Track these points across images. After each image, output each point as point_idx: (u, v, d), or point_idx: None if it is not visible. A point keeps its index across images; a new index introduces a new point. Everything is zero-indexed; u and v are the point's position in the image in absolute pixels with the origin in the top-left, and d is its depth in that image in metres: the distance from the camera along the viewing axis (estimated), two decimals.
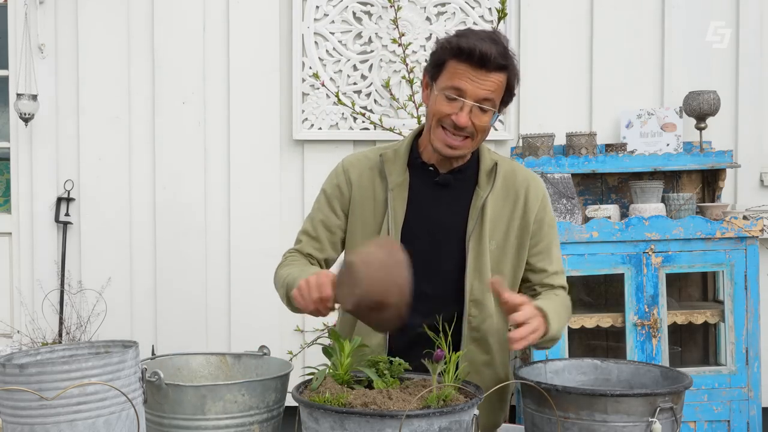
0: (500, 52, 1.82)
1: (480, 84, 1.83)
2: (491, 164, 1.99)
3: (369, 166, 2.01)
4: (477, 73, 1.82)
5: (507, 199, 1.97)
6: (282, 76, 3.72)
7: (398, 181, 1.97)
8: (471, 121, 1.85)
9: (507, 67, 1.84)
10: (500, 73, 1.84)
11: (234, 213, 3.72)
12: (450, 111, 1.85)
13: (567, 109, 3.73)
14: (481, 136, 1.91)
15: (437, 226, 1.96)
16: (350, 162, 2.05)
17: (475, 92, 1.83)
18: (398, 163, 1.98)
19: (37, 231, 3.73)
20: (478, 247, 1.93)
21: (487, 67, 1.81)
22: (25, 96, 3.57)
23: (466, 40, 1.82)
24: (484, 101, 1.84)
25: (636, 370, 1.85)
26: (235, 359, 2.08)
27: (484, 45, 1.80)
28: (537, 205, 1.99)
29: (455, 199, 1.97)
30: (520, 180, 2.00)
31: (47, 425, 1.47)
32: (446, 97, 1.86)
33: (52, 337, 3.62)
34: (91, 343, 1.72)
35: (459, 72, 1.83)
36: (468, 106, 1.84)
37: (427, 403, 1.52)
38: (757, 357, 3.26)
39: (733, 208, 3.52)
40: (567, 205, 3.28)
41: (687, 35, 3.73)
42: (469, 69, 1.82)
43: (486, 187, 1.96)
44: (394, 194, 1.95)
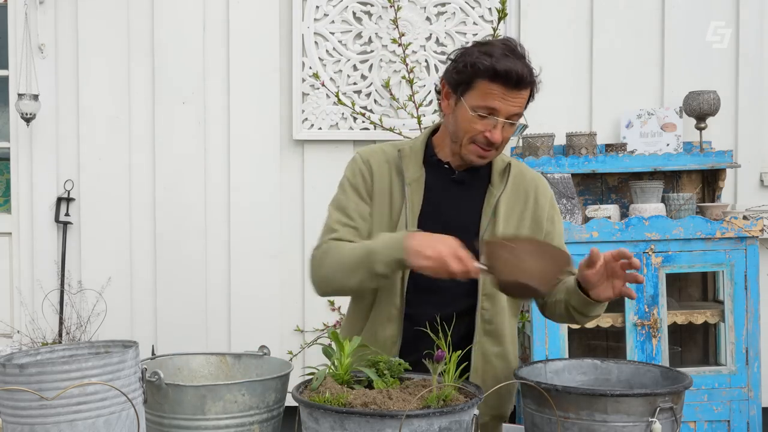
0: (529, 68, 1.91)
1: (512, 102, 1.89)
2: (503, 164, 2.05)
3: (385, 159, 2.04)
4: (510, 93, 1.88)
5: (518, 198, 2.03)
6: (282, 76, 3.72)
7: (415, 177, 2.00)
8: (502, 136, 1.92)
9: (533, 83, 1.93)
10: (527, 89, 1.92)
11: (234, 213, 3.72)
12: (483, 129, 1.91)
13: (567, 109, 3.72)
14: (506, 144, 1.98)
15: (451, 222, 1.99)
16: (368, 153, 2.07)
17: (508, 110, 1.89)
18: (414, 159, 2.02)
19: (37, 231, 3.73)
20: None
21: (520, 87, 1.88)
22: (27, 96, 3.57)
23: (500, 63, 1.86)
24: (514, 116, 1.91)
25: (636, 370, 1.85)
26: (235, 359, 2.08)
27: (517, 66, 1.87)
28: (547, 204, 2.07)
29: (469, 197, 2.02)
30: (529, 180, 2.07)
31: (47, 425, 1.47)
32: (479, 116, 1.90)
33: (52, 337, 3.62)
34: (91, 343, 1.72)
35: (492, 93, 1.88)
36: (501, 124, 1.90)
37: (427, 403, 1.52)
38: (757, 357, 3.26)
39: (733, 208, 3.52)
40: (567, 205, 3.28)
41: (687, 35, 3.73)
42: (502, 90, 1.87)
43: (499, 186, 2.02)
44: (412, 188, 1.99)
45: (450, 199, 2.01)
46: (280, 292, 3.72)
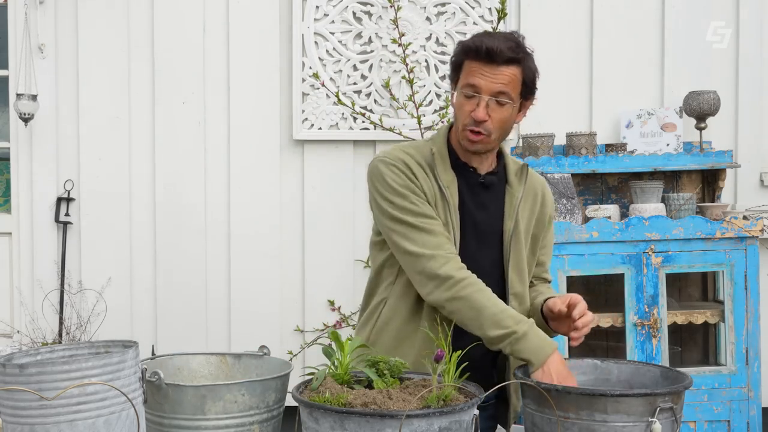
0: (509, 47, 1.90)
1: (492, 78, 1.90)
2: (518, 166, 2.09)
3: (415, 161, 2.00)
4: (488, 68, 1.90)
5: (529, 199, 2.08)
6: (282, 76, 3.72)
7: (449, 179, 2.01)
8: (489, 115, 1.92)
9: (518, 61, 1.91)
10: (512, 67, 1.91)
11: (234, 213, 3.72)
12: (469, 108, 1.93)
13: (567, 109, 3.72)
14: (501, 131, 1.97)
15: (480, 225, 2.03)
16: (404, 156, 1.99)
17: (489, 86, 1.90)
18: (446, 163, 2.03)
19: (37, 231, 3.73)
20: (517, 245, 2.03)
21: (496, 61, 1.89)
22: (25, 96, 3.57)
23: (475, 39, 1.93)
24: (500, 95, 1.91)
25: (636, 370, 1.85)
26: (235, 359, 2.08)
27: (492, 41, 1.90)
28: (551, 204, 2.14)
29: (494, 200, 2.05)
30: (537, 181, 2.12)
31: (47, 425, 1.47)
32: (465, 96, 1.94)
33: (52, 337, 3.62)
34: (91, 343, 1.72)
35: (473, 70, 1.92)
36: (484, 101, 1.91)
37: (427, 403, 1.52)
38: (757, 357, 3.26)
39: (733, 208, 3.52)
40: (567, 205, 3.28)
41: (687, 35, 3.73)
42: (480, 65, 1.90)
43: (519, 188, 2.05)
44: (450, 191, 2.00)
45: (479, 203, 2.04)
46: (280, 292, 3.72)
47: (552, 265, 3.16)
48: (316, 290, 3.71)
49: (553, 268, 3.18)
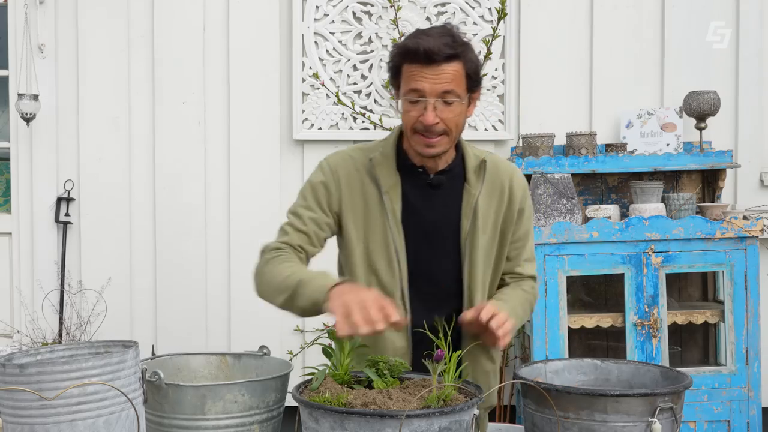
0: (446, 42, 1.83)
1: (435, 78, 1.83)
2: (477, 161, 2.00)
3: (355, 168, 1.99)
4: (429, 70, 1.83)
5: (493, 193, 2.00)
6: (282, 76, 3.72)
7: (390, 184, 1.96)
8: (439, 118, 1.86)
9: (458, 56, 1.84)
10: (453, 63, 1.84)
11: (234, 213, 3.72)
12: (416, 113, 1.87)
13: (567, 109, 3.73)
14: (456, 129, 1.91)
15: (432, 226, 1.97)
16: (336, 162, 2.02)
17: (434, 88, 1.84)
18: (388, 166, 1.98)
19: (37, 231, 3.73)
20: (473, 244, 1.96)
21: (436, 60, 1.82)
22: (27, 96, 3.57)
23: (410, 41, 1.86)
24: (445, 94, 1.85)
25: (636, 370, 1.85)
26: (235, 359, 2.09)
27: (428, 41, 1.82)
28: (520, 195, 2.03)
29: (447, 199, 1.99)
30: (503, 172, 2.02)
31: (47, 425, 1.47)
32: (410, 102, 1.87)
33: (52, 337, 3.62)
34: (91, 343, 1.72)
35: (413, 73, 1.85)
36: (431, 104, 1.84)
37: (427, 403, 1.52)
38: (757, 357, 3.26)
39: (733, 208, 3.52)
40: (567, 205, 3.28)
41: (687, 35, 3.73)
42: (420, 68, 1.83)
43: (476, 185, 1.98)
44: (390, 196, 1.96)
45: (428, 204, 1.98)
46: None
47: (552, 265, 3.19)
48: None
49: (552, 268, 3.19)
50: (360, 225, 1.98)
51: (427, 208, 1.98)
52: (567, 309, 3.24)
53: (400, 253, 1.95)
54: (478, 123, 3.70)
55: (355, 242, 1.99)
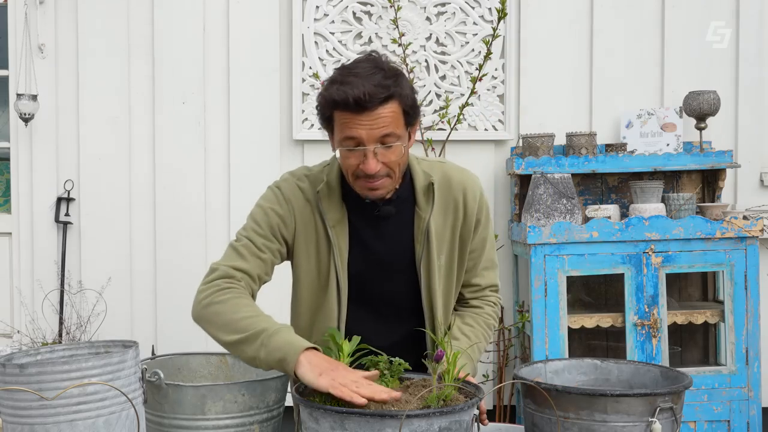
0: (377, 83, 1.73)
1: (370, 125, 1.73)
2: (426, 182, 1.92)
3: (305, 199, 1.93)
4: (362, 117, 1.73)
5: (447, 211, 1.94)
6: (282, 76, 3.72)
7: (337, 218, 1.90)
8: (381, 162, 1.77)
9: (392, 96, 1.75)
10: (388, 104, 1.75)
11: (234, 213, 3.72)
12: (356, 161, 1.78)
13: (567, 109, 3.73)
14: (399, 168, 1.83)
15: (384, 255, 1.93)
16: (289, 192, 1.94)
17: (370, 135, 1.74)
18: (334, 199, 1.91)
19: (37, 231, 3.73)
20: (428, 267, 1.92)
21: (369, 107, 1.72)
22: (25, 96, 3.57)
23: (338, 90, 1.73)
24: (385, 138, 1.75)
25: (636, 370, 1.85)
26: (235, 359, 2.09)
27: (356, 87, 1.71)
28: (475, 207, 1.96)
29: (398, 227, 1.93)
30: (456, 185, 1.95)
31: (47, 425, 1.47)
32: (347, 150, 1.78)
33: (52, 337, 3.62)
34: (91, 343, 1.72)
35: (346, 122, 1.75)
36: (370, 152, 1.75)
37: (427, 403, 1.52)
38: (757, 357, 3.26)
39: (733, 208, 3.52)
40: (567, 205, 3.28)
41: (687, 35, 3.73)
42: (352, 116, 1.73)
43: (426, 208, 1.91)
44: (336, 231, 1.90)
45: (378, 235, 1.92)
46: (279, 292, 3.71)
47: (552, 265, 3.19)
48: None
49: (552, 268, 3.19)
50: (309, 256, 1.93)
51: (377, 240, 1.92)
52: (567, 309, 3.24)
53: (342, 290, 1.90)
54: (478, 123, 3.70)
55: (304, 274, 1.95)
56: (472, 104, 3.65)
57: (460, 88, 3.69)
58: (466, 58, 3.71)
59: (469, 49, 3.71)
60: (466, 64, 3.71)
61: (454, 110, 3.63)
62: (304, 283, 1.96)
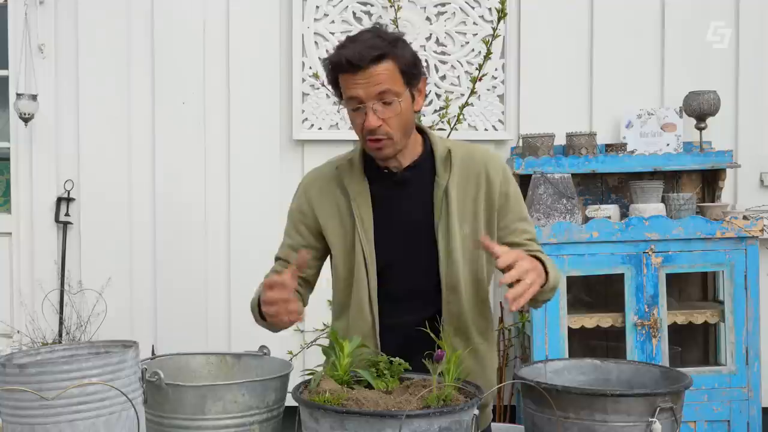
0: (369, 45, 1.82)
1: (366, 83, 1.82)
2: (445, 152, 1.98)
3: (326, 180, 2.02)
4: (358, 76, 1.82)
5: (469, 181, 1.96)
6: (282, 76, 3.72)
7: (358, 190, 1.97)
8: (381, 119, 1.85)
9: (384, 55, 1.82)
10: (381, 63, 1.82)
11: (234, 213, 3.72)
12: (359, 119, 1.87)
13: (567, 109, 3.72)
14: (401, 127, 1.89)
15: (406, 224, 1.96)
16: (309, 181, 2.07)
17: (368, 92, 1.83)
18: (355, 172, 1.99)
19: (37, 231, 3.72)
20: (447, 235, 1.93)
21: (362, 66, 1.81)
22: (25, 96, 3.57)
23: (335, 53, 1.85)
24: (381, 95, 1.83)
25: (636, 370, 1.85)
26: (235, 359, 2.08)
27: (349, 49, 1.82)
28: (498, 179, 1.97)
29: (417, 194, 1.97)
30: (478, 159, 1.98)
31: (47, 425, 1.47)
32: (352, 110, 1.88)
33: (52, 337, 3.62)
34: (91, 343, 1.72)
35: (347, 83, 1.85)
36: (370, 109, 1.84)
37: (427, 403, 1.52)
38: (757, 357, 3.26)
39: (733, 208, 3.52)
40: (567, 205, 3.28)
41: (687, 35, 3.73)
42: (350, 76, 1.83)
43: (444, 174, 1.95)
44: (358, 203, 1.96)
45: (399, 203, 1.97)
46: None
47: None
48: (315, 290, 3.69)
49: None
50: (337, 233, 2.00)
51: (398, 207, 1.97)
52: (567, 309, 3.25)
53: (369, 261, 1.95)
54: (478, 123, 3.70)
55: (335, 250, 2.01)
56: (472, 104, 3.65)
57: (460, 88, 3.69)
58: (466, 58, 3.71)
59: (469, 49, 3.71)
60: (466, 64, 3.71)
61: (454, 110, 3.63)
62: (337, 259, 2.02)
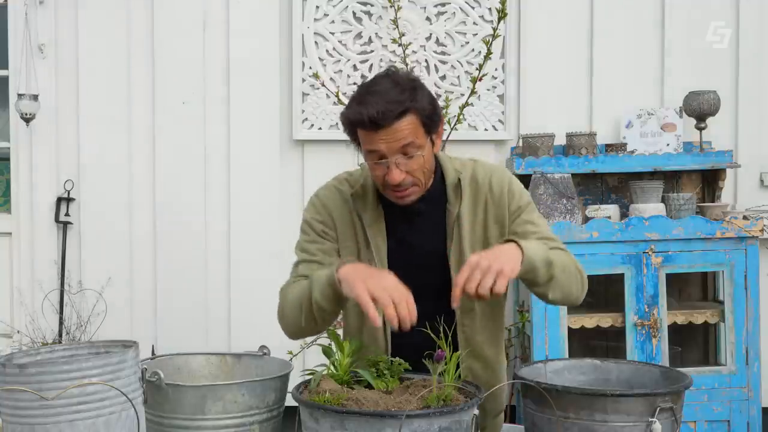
0: (391, 100, 1.78)
1: (389, 139, 1.80)
2: (455, 179, 1.96)
3: (343, 200, 2.00)
4: (380, 133, 1.79)
5: (477, 205, 1.97)
6: (282, 76, 3.72)
7: (374, 218, 1.96)
8: (405, 172, 1.84)
9: (407, 110, 1.79)
10: (404, 118, 1.79)
11: (234, 213, 3.72)
12: (381, 172, 1.85)
13: (567, 109, 3.72)
14: (425, 174, 1.89)
15: (419, 252, 1.96)
16: (325, 197, 2.03)
17: (390, 147, 1.81)
18: (369, 199, 1.97)
19: (37, 231, 3.72)
20: (460, 261, 1.92)
21: (384, 125, 1.78)
22: (26, 96, 3.57)
23: (354, 111, 1.81)
24: (405, 148, 1.81)
25: (636, 370, 1.85)
26: (235, 359, 2.09)
27: (371, 105, 1.78)
28: (505, 193, 1.96)
29: (430, 222, 1.96)
30: (482, 180, 1.97)
31: (47, 425, 1.47)
32: (373, 163, 1.86)
33: (52, 337, 3.62)
34: (91, 343, 1.72)
35: (367, 138, 1.83)
36: (393, 164, 1.82)
37: (427, 403, 1.52)
38: (757, 357, 3.26)
39: (733, 208, 3.52)
40: (567, 205, 3.28)
41: (687, 35, 3.73)
42: (371, 133, 1.80)
43: (455, 202, 1.95)
44: (373, 231, 1.96)
45: (413, 232, 1.96)
46: None
47: None
48: None
49: None
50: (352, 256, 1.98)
51: (412, 236, 1.96)
52: (567, 309, 3.24)
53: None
54: (478, 123, 3.70)
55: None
56: (472, 104, 3.65)
57: (460, 88, 3.69)
58: (466, 58, 3.71)
59: (469, 49, 3.71)
60: (466, 64, 3.71)
61: (454, 110, 3.63)
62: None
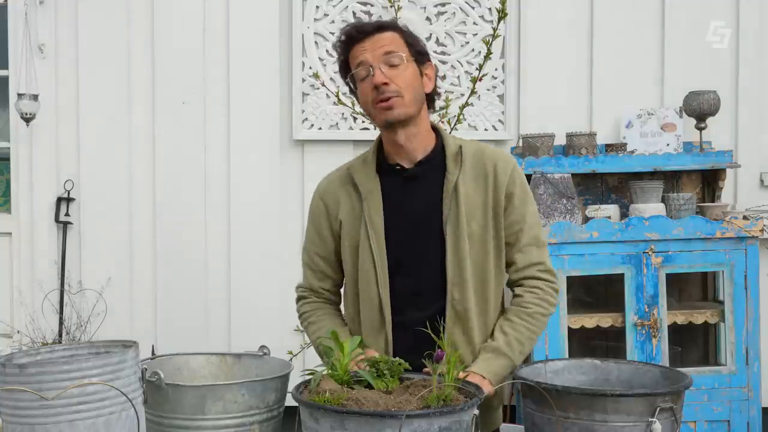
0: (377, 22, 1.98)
1: (372, 45, 1.92)
2: (456, 148, 1.99)
3: (340, 183, 2.06)
4: (366, 42, 1.93)
5: (478, 178, 1.97)
6: (282, 76, 3.72)
7: (369, 187, 2.00)
8: (388, 78, 1.90)
9: (389, 27, 1.95)
10: (385, 32, 1.94)
11: (234, 213, 3.72)
12: (369, 85, 1.93)
13: (567, 109, 3.72)
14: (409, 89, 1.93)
15: (416, 220, 1.97)
16: (324, 187, 2.10)
17: (374, 54, 1.92)
18: (367, 171, 2.02)
19: (37, 231, 3.72)
20: (456, 230, 1.93)
21: (366, 32, 1.93)
22: (26, 96, 3.57)
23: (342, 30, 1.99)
24: (387, 56, 1.91)
25: (636, 370, 1.85)
26: (235, 359, 2.09)
27: (357, 23, 2.00)
28: (506, 179, 1.96)
29: (428, 190, 1.98)
30: (488, 157, 1.99)
31: (47, 425, 1.47)
32: (360, 78, 1.95)
33: (52, 337, 3.62)
34: (91, 343, 1.72)
35: (355, 53, 1.95)
36: (377, 68, 1.91)
37: (427, 403, 1.52)
38: (757, 357, 3.26)
39: (733, 208, 3.52)
40: (567, 205, 3.28)
41: (687, 35, 3.73)
42: (358, 45, 1.94)
43: (454, 170, 1.96)
44: (368, 202, 1.98)
45: (409, 198, 1.98)
46: (280, 292, 3.72)
47: (552, 265, 3.18)
48: None
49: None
50: (349, 230, 2.02)
51: (408, 203, 1.98)
52: (567, 309, 3.24)
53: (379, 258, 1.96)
54: (478, 123, 3.70)
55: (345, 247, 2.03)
56: (472, 104, 3.65)
57: (460, 88, 3.69)
58: (466, 58, 3.71)
59: (469, 49, 3.71)
60: (466, 64, 3.71)
61: (454, 110, 3.62)
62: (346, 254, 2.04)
